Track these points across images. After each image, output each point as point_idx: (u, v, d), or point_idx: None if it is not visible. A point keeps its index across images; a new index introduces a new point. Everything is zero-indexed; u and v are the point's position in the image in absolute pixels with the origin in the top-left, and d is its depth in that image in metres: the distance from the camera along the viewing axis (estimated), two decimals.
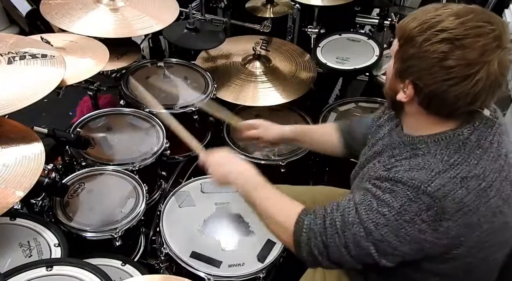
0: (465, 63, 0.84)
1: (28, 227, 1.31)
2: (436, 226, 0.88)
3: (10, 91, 1.19)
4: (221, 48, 2.17)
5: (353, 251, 0.94)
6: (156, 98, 1.86)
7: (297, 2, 2.22)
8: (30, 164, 1.14)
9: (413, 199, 0.88)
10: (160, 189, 1.80)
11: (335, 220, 0.96)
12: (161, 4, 1.91)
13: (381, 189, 0.92)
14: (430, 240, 0.90)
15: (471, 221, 0.89)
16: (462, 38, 0.84)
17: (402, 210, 0.88)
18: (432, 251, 0.93)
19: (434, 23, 0.87)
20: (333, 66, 2.07)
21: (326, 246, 0.96)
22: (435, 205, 0.87)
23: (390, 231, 0.90)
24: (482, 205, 0.89)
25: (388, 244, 0.91)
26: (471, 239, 0.92)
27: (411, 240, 0.90)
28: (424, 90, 0.90)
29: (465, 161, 0.90)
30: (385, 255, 0.93)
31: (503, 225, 0.96)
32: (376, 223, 0.90)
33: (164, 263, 1.51)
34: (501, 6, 2.10)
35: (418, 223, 0.88)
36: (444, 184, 0.87)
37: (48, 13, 1.74)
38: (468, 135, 0.92)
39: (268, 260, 1.41)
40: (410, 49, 0.90)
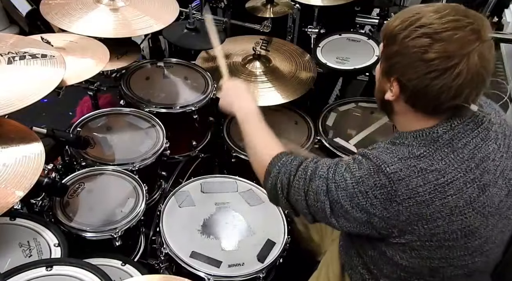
0: (445, 56, 0.88)
1: (28, 227, 1.30)
2: (387, 205, 0.95)
3: (10, 91, 1.19)
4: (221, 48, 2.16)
5: (310, 200, 1.04)
6: (156, 98, 1.88)
7: (297, 2, 2.22)
8: (30, 164, 1.14)
9: (372, 174, 0.96)
10: (160, 189, 1.80)
11: (308, 168, 1.05)
12: (161, 4, 1.91)
13: (354, 159, 1.02)
14: (379, 215, 0.96)
15: (423, 212, 0.94)
16: (441, 32, 0.88)
17: (360, 181, 0.97)
18: (381, 227, 0.98)
19: (414, 20, 0.91)
20: (333, 66, 2.07)
21: (290, 184, 1.06)
22: (388, 185, 0.94)
23: (346, 196, 0.98)
24: (437, 199, 0.93)
25: (341, 206, 0.99)
26: (424, 231, 0.96)
27: (362, 209, 0.97)
28: (408, 86, 0.94)
29: (430, 155, 0.95)
30: (337, 216, 1.01)
31: (467, 230, 0.97)
32: (337, 184, 0.99)
33: (164, 263, 1.51)
34: (501, 6, 2.11)
35: (370, 197, 0.95)
36: (402, 169, 0.94)
37: (48, 13, 1.74)
38: (441, 134, 0.96)
39: (268, 260, 1.41)
40: (393, 46, 0.94)
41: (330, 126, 1.98)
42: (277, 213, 1.58)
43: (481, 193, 0.96)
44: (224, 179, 1.69)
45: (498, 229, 1.02)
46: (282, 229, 1.52)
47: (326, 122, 2.00)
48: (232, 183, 1.68)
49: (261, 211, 1.58)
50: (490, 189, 0.97)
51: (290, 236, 1.50)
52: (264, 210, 1.58)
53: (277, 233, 1.51)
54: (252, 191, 1.65)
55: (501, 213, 1.01)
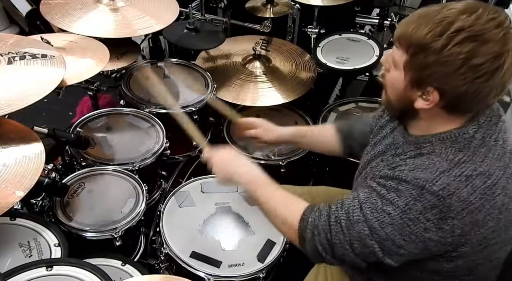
0: (493, 57, 0.83)
1: (28, 227, 1.30)
2: (441, 224, 0.88)
3: (10, 91, 1.19)
4: (221, 48, 2.17)
5: (357, 249, 0.94)
6: (156, 98, 1.88)
7: (297, 2, 2.22)
8: (30, 164, 1.14)
9: (418, 198, 0.87)
10: (160, 189, 1.80)
11: (340, 218, 0.96)
12: (161, 4, 1.91)
13: (385, 187, 0.92)
14: (435, 239, 0.89)
15: (476, 219, 0.89)
16: (484, 33, 0.83)
17: (407, 209, 0.88)
18: (437, 250, 0.92)
19: (446, 25, 0.84)
20: (333, 66, 2.07)
21: (331, 243, 0.97)
22: (440, 204, 0.86)
23: (395, 230, 0.90)
24: (487, 203, 0.89)
25: (392, 242, 0.91)
26: (476, 237, 0.91)
27: (416, 238, 0.89)
28: (452, 94, 0.88)
29: (470, 159, 0.89)
30: (390, 254, 0.93)
31: (508, 222, 0.95)
32: (381, 221, 0.90)
33: (164, 263, 1.51)
34: (501, 6, 2.10)
35: (423, 222, 0.88)
36: (449, 183, 0.87)
37: (48, 13, 1.74)
38: (473, 133, 0.92)
39: (268, 260, 1.41)
40: (428, 57, 0.86)
41: None
42: None
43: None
44: None
45: None
46: None
47: (326, 122, 2.00)
48: None
49: None
50: None
51: None
52: None
53: (277, 233, 1.49)
54: None
55: None
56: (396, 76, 0.95)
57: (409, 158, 0.96)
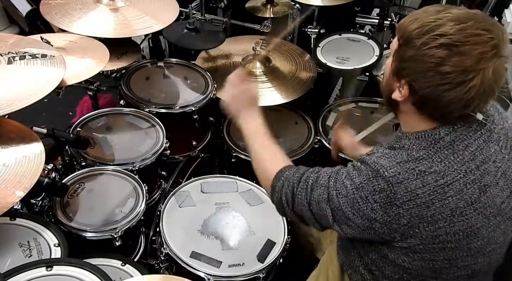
0: (461, 70, 0.86)
1: (28, 227, 1.30)
2: (387, 209, 0.94)
3: (10, 91, 1.19)
4: (221, 48, 2.17)
5: (314, 209, 1.05)
6: (156, 98, 1.88)
7: (297, 2, 2.22)
8: (30, 164, 1.14)
9: (371, 179, 0.96)
10: (160, 189, 1.80)
11: (309, 178, 1.07)
12: (161, 4, 1.91)
13: (353, 166, 1.02)
14: (381, 220, 0.96)
15: (424, 214, 0.93)
16: (460, 45, 0.85)
17: (360, 187, 0.97)
18: (382, 232, 0.98)
19: (434, 26, 0.88)
20: (333, 66, 2.07)
21: (294, 196, 1.08)
22: (388, 189, 0.94)
23: (347, 202, 0.98)
24: (437, 201, 0.93)
25: (343, 213, 0.99)
26: (426, 234, 0.95)
27: (363, 215, 0.97)
28: (418, 92, 0.93)
29: (429, 157, 0.95)
30: (339, 222, 1.02)
31: (469, 231, 0.97)
32: (338, 192, 1.00)
33: (164, 263, 1.51)
34: (501, 6, 2.10)
35: (370, 202, 0.95)
36: (401, 172, 0.93)
37: (48, 13, 1.74)
38: (443, 135, 0.96)
39: (268, 260, 1.41)
40: (409, 50, 0.92)
41: (330, 126, 1.98)
42: (277, 213, 1.57)
43: (482, 194, 0.95)
44: (224, 179, 1.69)
45: (501, 230, 1.02)
46: (282, 229, 1.52)
47: (326, 122, 2.00)
48: (232, 183, 1.68)
49: (261, 211, 1.58)
50: (491, 190, 0.97)
51: (290, 236, 1.49)
52: (264, 210, 1.58)
53: (277, 233, 1.51)
54: (252, 191, 1.65)
55: (504, 214, 1.00)
56: (389, 62, 1.02)
57: (382, 147, 1.02)
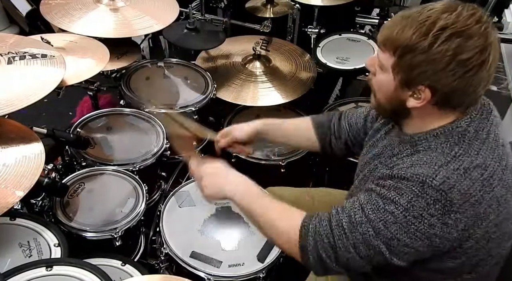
0: (479, 50, 0.85)
1: (28, 227, 1.30)
2: (445, 219, 0.87)
3: (10, 91, 1.19)
4: (221, 48, 2.17)
5: (362, 251, 0.93)
6: (156, 98, 1.88)
7: (297, 2, 2.22)
8: (30, 164, 1.14)
9: (419, 194, 0.87)
10: (160, 189, 1.80)
11: (341, 221, 0.95)
12: (161, 4, 1.91)
13: (385, 187, 0.92)
14: (440, 234, 0.89)
15: (478, 212, 0.89)
16: (467, 29, 0.85)
17: (410, 206, 0.88)
18: (443, 247, 0.92)
19: (430, 25, 0.87)
20: (333, 66, 2.07)
21: (334, 247, 0.95)
22: (442, 198, 0.86)
23: (400, 228, 0.89)
24: (486, 194, 0.89)
25: (398, 241, 0.90)
26: (480, 231, 0.91)
27: (422, 235, 0.89)
28: (443, 90, 0.89)
29: (466, 152, 0.91)
30: (396, 253, 0.92)
31: (508, 215, 0.95)
32: (384, 221, 0.90)
33: (164, 263, 1.51)
34: (501, 6, 2.10)
35: (427, 218, 0.87)
36: (449, 176, 0.87)
37: (48, 13, 1.74)
38: (466, 127, 0.93)
39: (268, 260, 1.41)
40: (416, 57, 0.88)
41: None
42: None
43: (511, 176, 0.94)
44: None
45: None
46: None
47: None
48: None
49: None
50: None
51: None
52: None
53: None
54: None
55: None
56: (384, 79, 0.96)
57: (406, 156, 0.96)
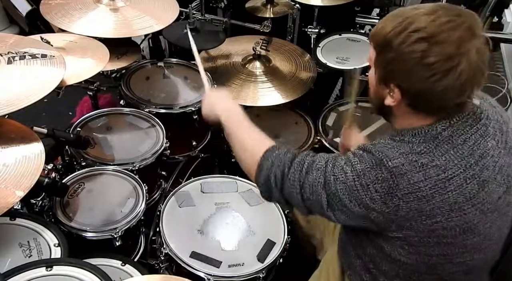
0: (445, 58, 0.87)
1: (28, 227, 1.30)
2: (387, 199, 0.93)
3: (10, 91, 1.19)
4: (221, 48, 2.16)
5: (306, 192, 1.01)
6: (156, 98, 1.88)
7: (297, 2, 2.22)
8: (30, 164, 1.14)
9: (374, 167, 0.94)
10: (160, 189, 1.80)
11: (304, 160, 1.03)
12: (161, 4, 1.91)
13: (354, 154, 1.00)
14: (378, 210, 0.95)
15: (423, 208, 0.93)
16: (437, 35, 0.87)
17: (362, 174, 0.95)
18: (378, 221, 0.98)
19: (406, 24, 0.89)
20: (333, 66, 2.07)
21: (284, 177, 1.03)
22: (390, 179, 0.93)
23: (345, 189, 0.96)
24: (438, 195, 0.93)
25: (339, 199, 0.98)
26: (423, 227, 0.95)
27: (361, 203, 0.96)
28: (410, 91, 0.93)
29: (430, 151, 0.94)
30: (333, 208, 1.00)
31: (465, 226, 0.97)
32: (336, 177, 0.97)
33: (164, 263, 1.51)
34: (501, 6, 2.10)
35: (371, 190, 0.94)
36: (404, 163, 0.93)
37: (48, 13, 1.74)
38: (441, 131, 0.96)
39: (268, 260, 1.41)
40: (388, 54, 0.93)
41: (330, 126, 1.98)
42: (277, 213, 1.58)
43: (480, 189, 0.96)
44: (224, 179, 1.69)
45: (496, 226, 1.02)
46: (282, 229, 1.52)
47: (326, 122, 2.00)
48: (232, 183, 1.68)
49: (261, 211, 1.58)
50: (489, 185, 0.97)
51: (290, 236, 1.49)
52: (264, 210, 1.58)
53: (277, 233, 1.51)
54: (252, 191, 1.65)
55: (500, 209, 1.01)
56: (371, 73, 1.02)
57: (384, 139, 1.02)
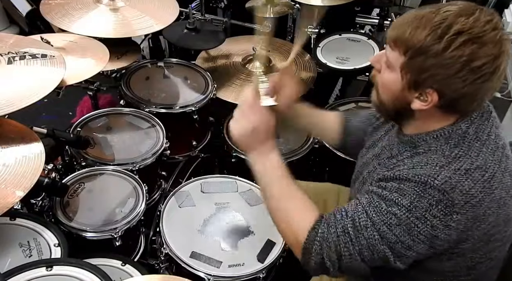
0: (492, 58, 0.85)
1: (28, 227, 1.30)
2: (448, 220, 0.87)
3: (10, 91, 1.19)
4: (221, 48, 2.17)
5: (367, 256, 0.92)
6: (156, 98, 1.88)
7: (297, 2, 2.22)
8: (30, 164, 1.14)
9: (422, 194, 0.87)
10: (160, 189, 1.80)
11: (347, 227, 0.93)
12: (161, 4, 1.91)
13: (387, 189, 0.91)
14: (442, 237, 0.88)
15: (478, 214, 0.88)
16: (482, 35, 0.84)
17: (412, 207, 0.87)
18: (442, 248, 0.91)
19: (445, 28, 0.84)
20: (333, 66, 2.07)
21: (339, 255, 0.94)
22: (444, 198, 0.86)
23: (404, 230, 0.88)
24: (487, 196, 0.89)
25: (402, 244, 0.89)
26: (478, 233, 0.91)
27: (424, 238, 0.88)
28: (451, 95, 0.88)
29: (466, 154, 0.90)
30: (400, 256, 0.91)
31: (506, 217, 0.95)
32: (388, 224, 0.89)
33: (164, 263, 1.51)
34: (501, 6, 2.10)
35: (429, 219, 0.87)
36: (450, 176, 0.87)
37: (48, 13, 1.74)
38: (466, 129, 0.93)
39: (268, 260, 1.41)
40: (428, 59, 0.86)
41: None
42: None
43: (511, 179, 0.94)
44: (224, 179, 1.69)
45: None
46: None
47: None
48: (232, 183, 1.67)
49: (261, 211, 1.58)
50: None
51: None
52: (264, 210, 1.57)
53: (277, 233, 1.48)
54: (252, 191, 1.64)
55: None
56: (391, 77, 0.94)
57: (406, 158, 0.96)
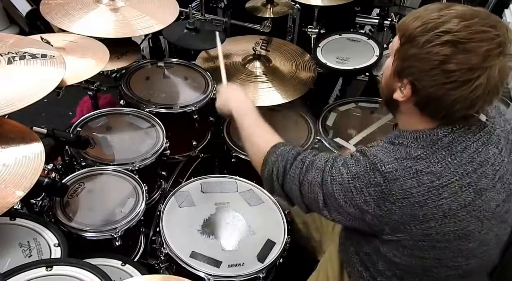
0: (467, 68, 0.84)
1: (28, 227, 1.30)
2: (380, 203, 0.95)
3: (10, 91, 1.19)
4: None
5: (304, 190, 1.05)
6: (156, 98, 1.88)
7: (297, 2, 2.22)
8: (30, 164, 1.14)
9: (368, 171, 0.96)
10: (160, 189, 1.80)
11: (306, 158, 1.06)
12: (161, 4, 1.91)
13: (352, 156, 1.02)
14: (372, 213, 0.97)
15: (416, 213, 0.94)
16: (466, 42, 0.84)
17: (356, 177, 0.97)
18: (373, 224, 0.99)
19: (438, 23, 0.86)
20: (333, 66, 2.07)
21: (286, 173, 1.07)
22: (383, 184, 0.94)
23: (340, 190, 0.98)
24: (431, 201, 0.93)
25: (335, 200, 1.00)
26: (416, 231, 0.96)
27: (355, 205, 0.98)
28: (421, 92, 0.91)
29: (427, 157, 0.94)
30: (330, 208, 1.02)
31: (460, 232, 0.96)
32: (333, 178, 1.00)
33: (164, 263, 1.51)
34: (501, 6, 2.10)
35: (365, 194, 0.96)
36: (397, 169, 0.93)
37: (48, 13, 1.74)
38: (441, 136, 0.95)
39: (268, 260, 1.41)
40: (411, 49, 0.90)
41: (330, 126, 1.98)
42: (277, 213, 1.58)
43: (477, 197, 0.95)
44: (224, 179, 1.69)
45: (494, 233, 1.01)
46: (282, 229, 1.52)
47: (326, 122, 2.00)
48: (232, 183, 1.68)
49: (261, 211, 1.58)
50: (487, 193, 0.96)
51: (290, 236, 1.49)
52: (264, 210, 1.58)
53: (277, 233, 1.51)
54: (252, 191, 1.65)
55: (498, 217, 1.00)
56: (389, 61, 1.00)
57: (382, 142, 1.02)
